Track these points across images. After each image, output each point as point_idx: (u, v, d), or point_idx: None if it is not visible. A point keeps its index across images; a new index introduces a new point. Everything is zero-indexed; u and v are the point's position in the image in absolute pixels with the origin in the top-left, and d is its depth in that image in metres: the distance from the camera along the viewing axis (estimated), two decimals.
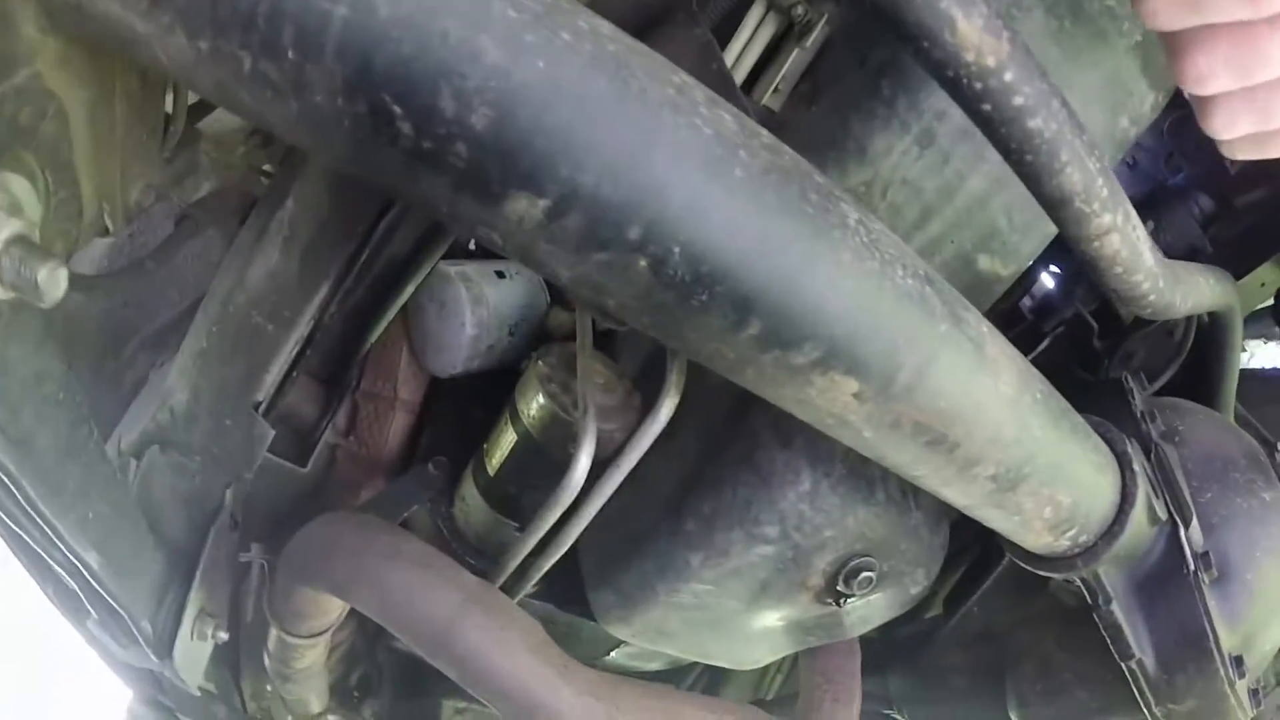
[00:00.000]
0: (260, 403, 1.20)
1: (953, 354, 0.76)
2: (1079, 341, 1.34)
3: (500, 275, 1.34)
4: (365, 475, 1.36)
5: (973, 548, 1.29)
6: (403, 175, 0.59)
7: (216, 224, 1.20)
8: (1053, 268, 1.45)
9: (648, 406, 0.98)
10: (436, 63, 0.55)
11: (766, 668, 1.61)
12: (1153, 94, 1.12)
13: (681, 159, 0.60)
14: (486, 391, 1.38)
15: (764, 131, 0.68)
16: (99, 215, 0.87)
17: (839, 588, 1.05)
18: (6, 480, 0.89)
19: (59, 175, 0.78)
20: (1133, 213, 0.88)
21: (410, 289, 1.17)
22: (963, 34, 0.68)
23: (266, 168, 1.35)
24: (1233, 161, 1.33)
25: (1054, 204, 0.81)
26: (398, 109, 0.55)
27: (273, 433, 1.21)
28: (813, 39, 1.10)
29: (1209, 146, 1.37)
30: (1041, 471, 0.87)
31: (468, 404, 1.40)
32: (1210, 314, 1.25)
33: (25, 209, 0.72)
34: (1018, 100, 0.70)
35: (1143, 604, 1.06)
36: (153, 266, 1.04)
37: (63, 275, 0.68)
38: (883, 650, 1.39)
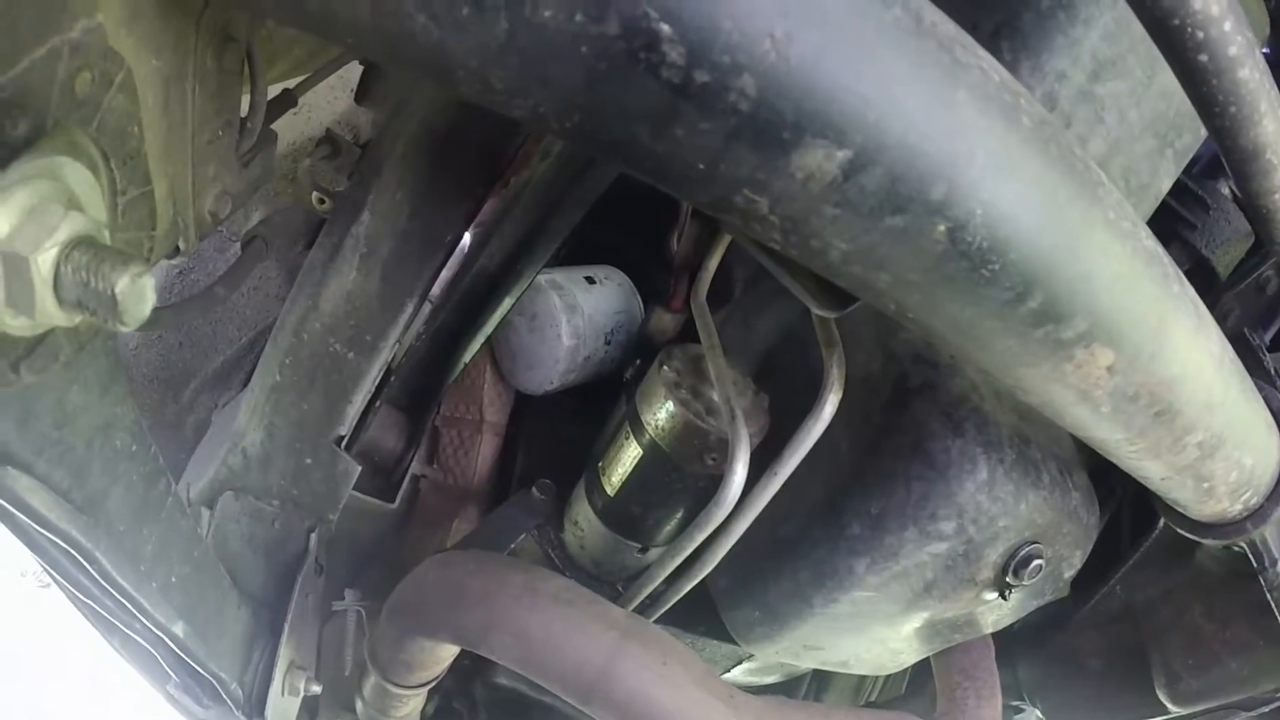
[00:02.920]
0: (342, 437, 0.95)
1: (1183, 316, 0.63)
2: None
3: (591, 281, 1.09)
4: (454, 506, 1.11)
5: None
6: (654, 121, 0.39)
7: (281, 248, 0.94)
8: None
9: (787, 405, 0.75)
10: None
11: None
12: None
13: (984, 105, 0.45)
14: (578, 407, 1.13)
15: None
16: (174, 226, 0.62)
17: (1008, 579, 0.83)
18: (77, 554, 0.62)
19: (127, 168, 0.52)
20: None
21: (508, 304, 0.92)
22: None
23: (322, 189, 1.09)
24: None
25: (1245, 157, 0.66)
26: (666, 28, 0.37)
27: (359, 469, 0.96)
28: None
29: None
30: (1236, 434, 0.73)
31: (560, 422, 1.14)
32: None
33: (87, 206, 0.46)
34: (1232, 50, 0.55)
35: None
36: (223, 292, 0.79)
37: (148, 286, 0.43)
38: (1008, 640, 1.17)
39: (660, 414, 0.87)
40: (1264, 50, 1.19)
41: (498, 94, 0.41)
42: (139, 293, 0.43)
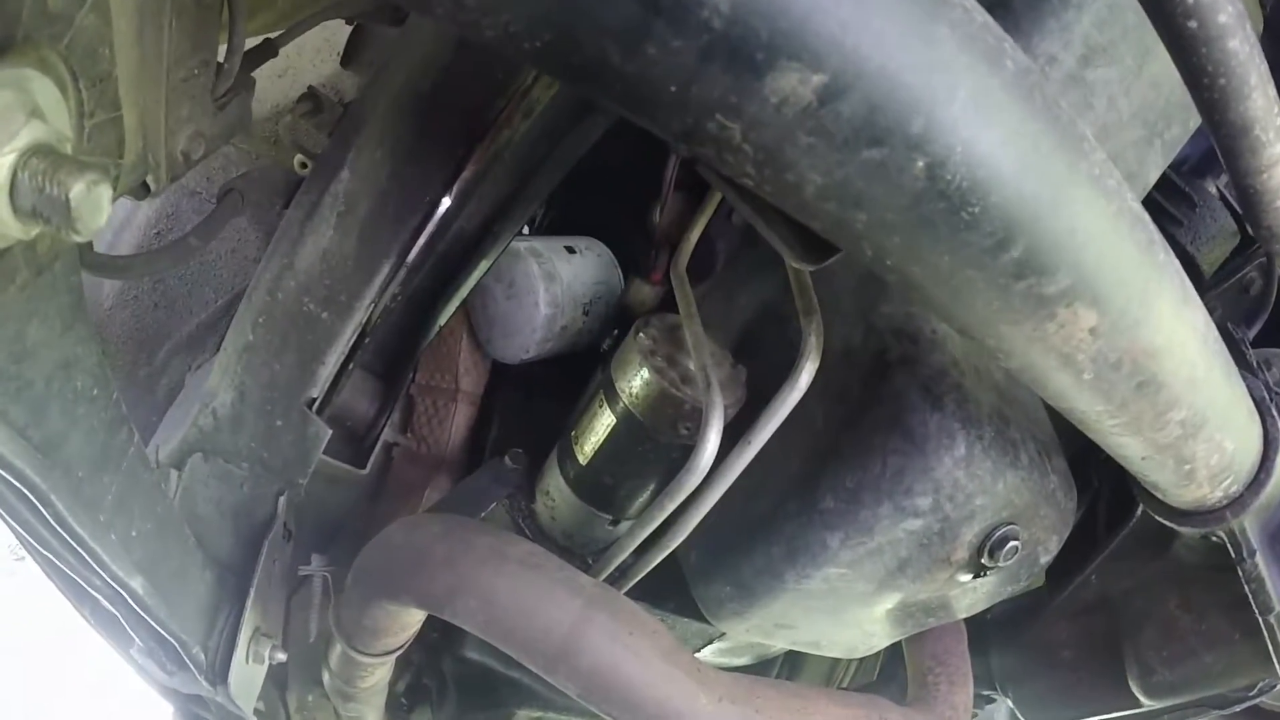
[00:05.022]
0: (314, 400, 0.94)
1: (1169, 285, 0.62)
2: None
3: (571, 251, 1.08)
4: (426, 475, 1.09)
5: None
6: (626, 38, 0.38)
7: (257, 207, 0.93)
8: None
9: (764, 380, 0.75)
10: None
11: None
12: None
13: (966, 44, 0.44)
14: (553, 379, 1.12)
15: None
16: (142, 158, 0.60)
17: (983, 560, 0.82)
18: (32, 496, 0.61)
19: (96, 91, 0.51)
20: None
21: (484, 267, 0.91)
22: None
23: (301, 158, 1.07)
24: None
25: (1234, 132, 0.64)
26: None
27: (329, 433, 0.95)
28: None
29: None
30: (1218, 415, 0.72)
31: (535, 393, 1.13)
32: None
33: (51, 120, 0.45)
34: (1222, 18, 0.54)
35: (1277, 555, 0.87)
36: (197, 243, 0.77)
37: (105, 195, 0.42)
38: (981, 628, 1.16)
39: (635, 381, 0.85)
40: None
41: (469, 11, 0.40)
42: (94, 200, 0.42)
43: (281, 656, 1.01)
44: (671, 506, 0.77)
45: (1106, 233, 0.53)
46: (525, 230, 1.21)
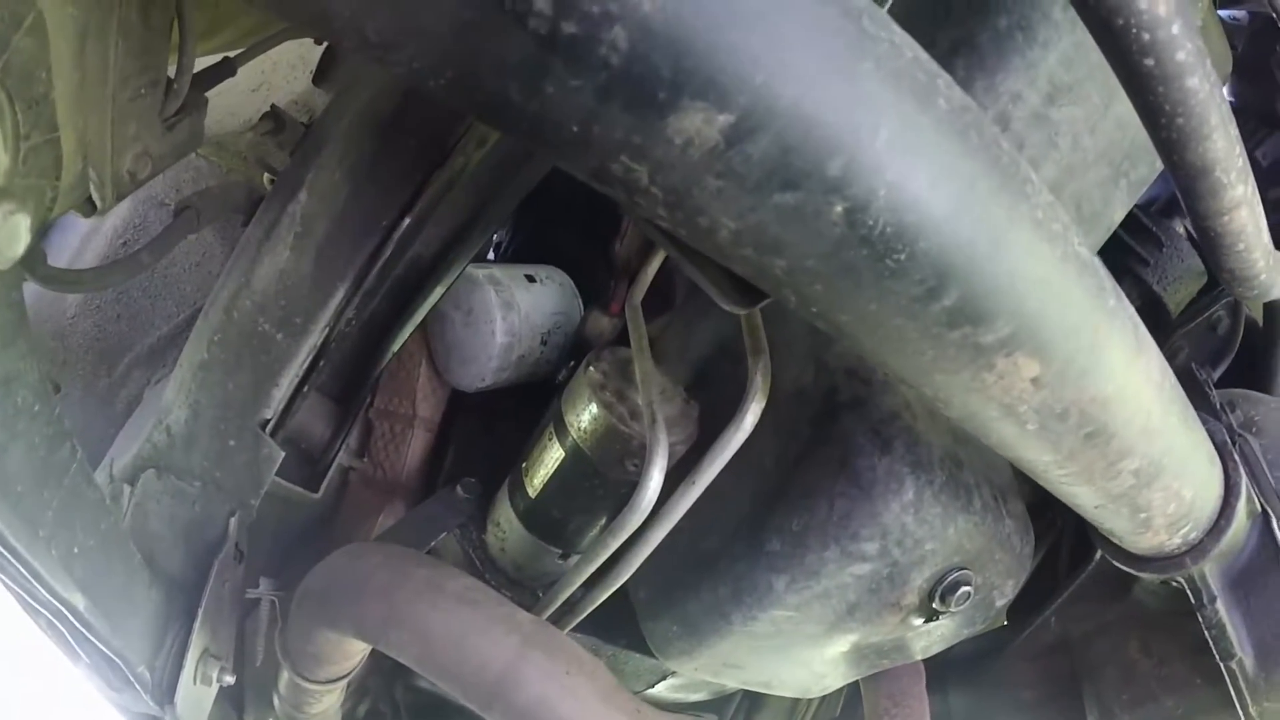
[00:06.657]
0: (268, 421, 0.93)
1: (1119, 333, 0.59)
2: None
3: (531, 280, 1.08)
4: (381, 500, 1.08)
5: (1036, 556, 1.06)
6: (524, 77, 0.37)
7: (218, 221, 0.92)
8: None
9: (718, 416, 0.74)
10: None
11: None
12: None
13: (892, 80, 0.41)
14: (511, 408, 1.11)
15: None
16: (82, 178, 0.59)
17: (934, 605, 0.80)
18: None
19: (32, 113, 0.51)
20: (1255, 186, 0.68)
21: (439, 293, 0.90)
22: None
23: (268, 174, 1.07)
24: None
25: (1194, 173, 0.62)
26: None
27: (282, 454, 0.93)
28: None
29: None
30: (1175, 464, 0.70)
31: (492, 422, 1.12)
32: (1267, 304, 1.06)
33: None
34: (1180, 56, 0.52)
35: (1238, 601, 0.85)
36: (148, 259, 0.77)
37: (22, 224, 0.41)
38: (940, 668, 1.14)
39: (584, 416, 0.84)
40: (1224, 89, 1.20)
41: (375, 47, 0.39)
42: (11, 230, 0.41)
43: (230, 679, 1.00)
44: (615, 544, 0.76)
45: (1050, 279, 0.51)
46: (491, 256, 1.21)
